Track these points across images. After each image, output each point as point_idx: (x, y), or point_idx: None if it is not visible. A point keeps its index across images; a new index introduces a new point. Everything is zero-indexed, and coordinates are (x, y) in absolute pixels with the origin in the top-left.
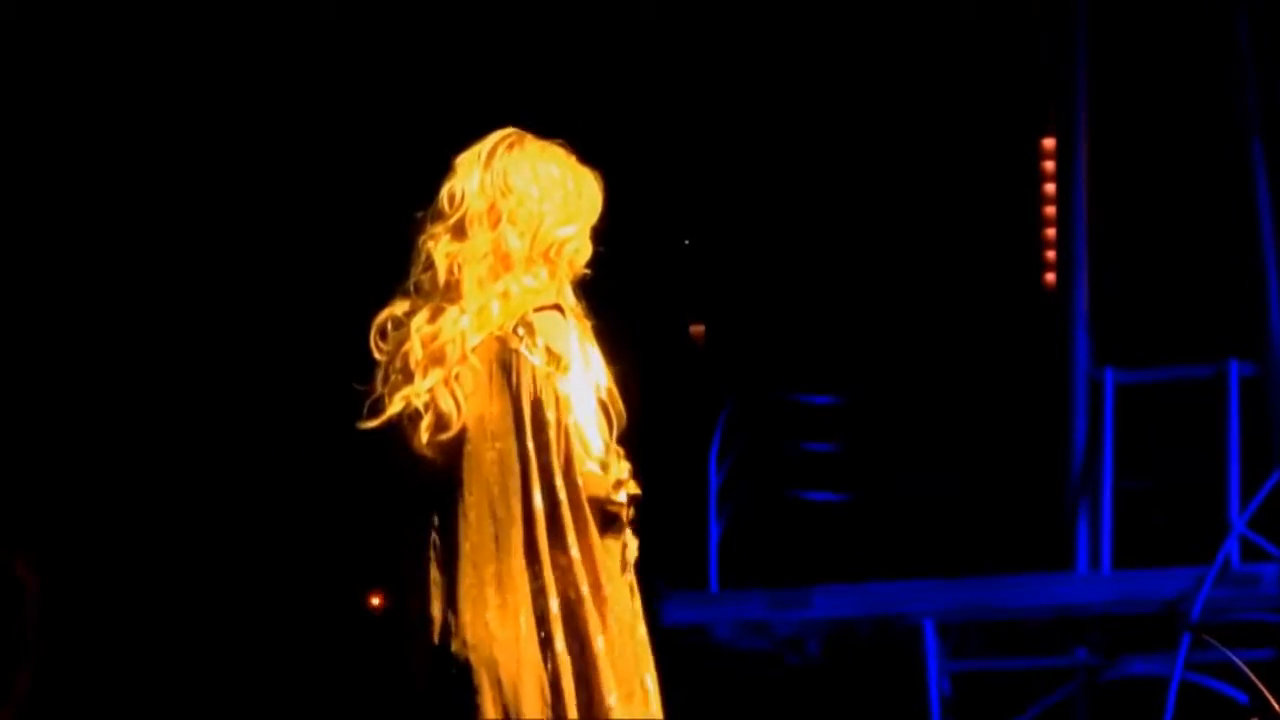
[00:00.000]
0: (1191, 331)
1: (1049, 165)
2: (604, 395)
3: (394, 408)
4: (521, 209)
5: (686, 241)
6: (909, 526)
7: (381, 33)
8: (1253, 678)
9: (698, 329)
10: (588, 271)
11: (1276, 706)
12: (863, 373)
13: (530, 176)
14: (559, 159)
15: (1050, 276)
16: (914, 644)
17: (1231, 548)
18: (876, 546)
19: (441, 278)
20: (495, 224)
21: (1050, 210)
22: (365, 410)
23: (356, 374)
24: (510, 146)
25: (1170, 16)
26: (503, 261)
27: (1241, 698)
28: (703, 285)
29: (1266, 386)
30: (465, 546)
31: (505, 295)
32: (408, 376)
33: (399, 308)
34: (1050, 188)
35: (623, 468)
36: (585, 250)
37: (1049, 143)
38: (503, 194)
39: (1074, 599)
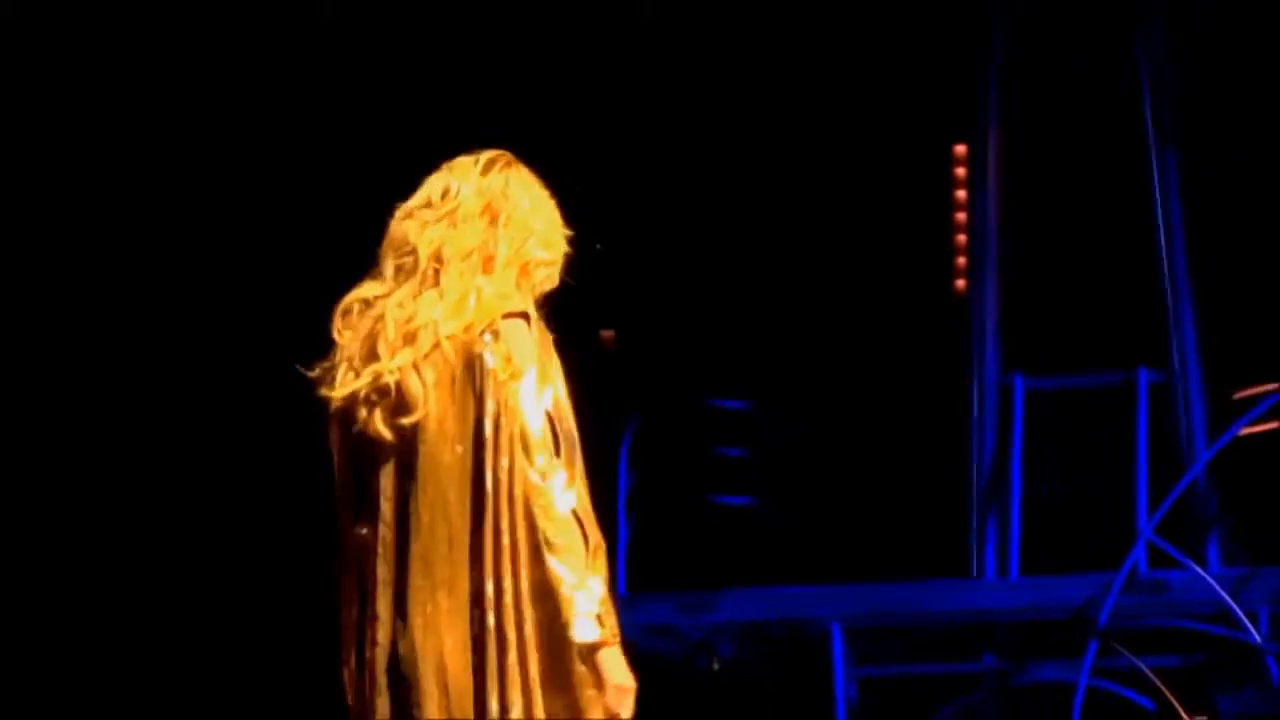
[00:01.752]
0: (1100, 339)
1: (960, 171)
2: (552, 409)
3: (360, 382)
4: (516, 216)
5: (598, 246)
6: (818, 531)
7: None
8: (1159, 684)
9: (608, 334)
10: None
11: (1182, 712)
12: (773, 378)
13: (525, 192)
14: (545, 193)
15: (960, 283)
16: (823, 648)
17: (1139, 554)
18: (786, 551)
19: (423, 263)
20: (491, 223)
21: (961, 216)
22: (325, 382)
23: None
24: (508, 164)
25: (1084, 25)
26: (486, 261)
27: (1148, 704)
28: (614, 290)
29: (1173, 394)
30: (416, 547)
31: (479, 293)
32: (373, 355)
33: (370, 290)
34: (961, 194)
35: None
36: (553, 279)
37: (960, 149)
38: (501, 198)
39: (982, 604)
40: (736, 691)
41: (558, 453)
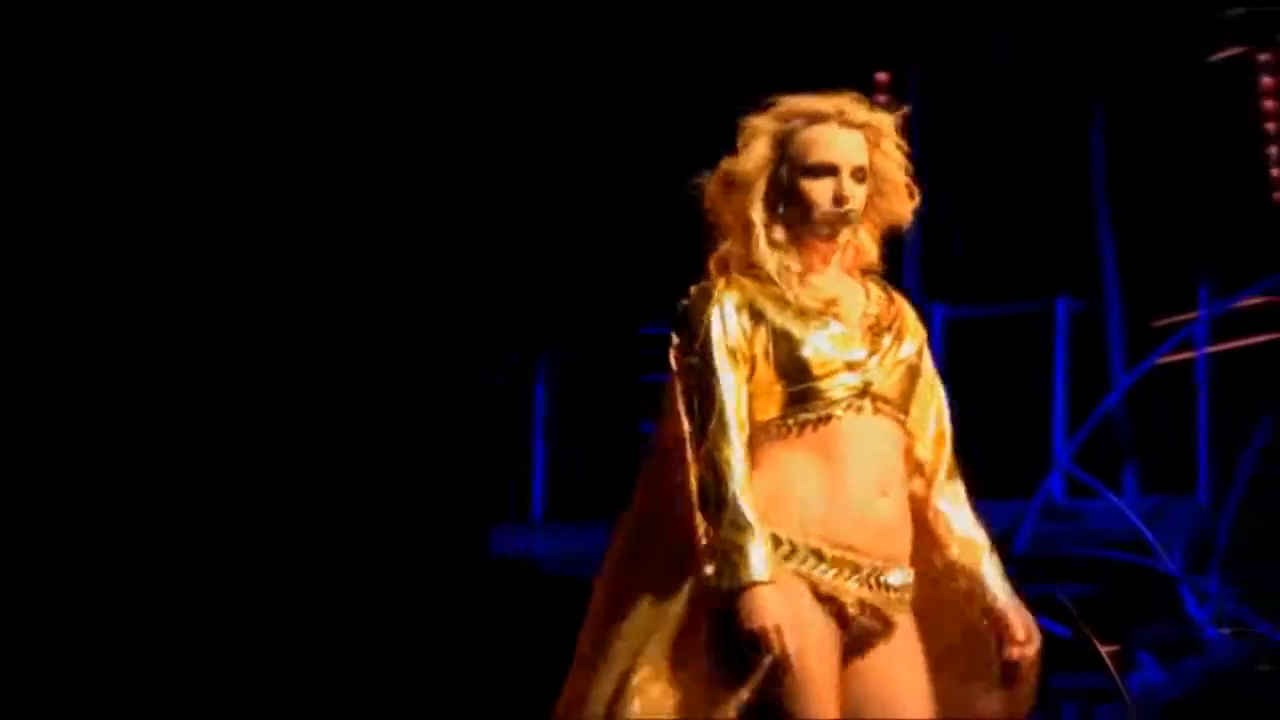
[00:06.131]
0: (1023, 268)
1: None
2: None
3: None
4: None
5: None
6: None
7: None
8: (1073, 612)
9: None
10: None
11: (1095, 641)
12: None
13: None
14: None
15: None
16: None
17: (1055, 482)
18: None
19: None
20: None
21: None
22: None
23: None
24: None
25: None
26: None
27: (1062, 632)
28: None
29: (1094, 323)
30: None
31: None
32: None
33: None
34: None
35: None
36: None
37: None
38: None
39: None
40: None
41: None
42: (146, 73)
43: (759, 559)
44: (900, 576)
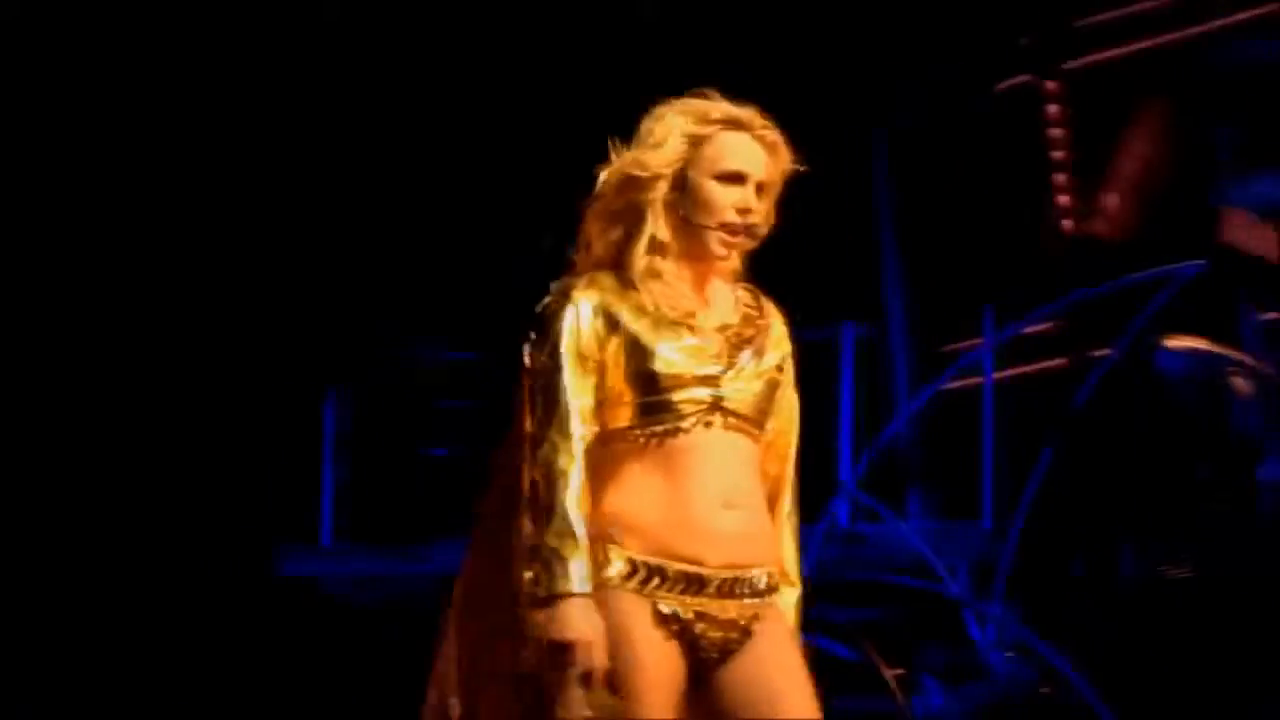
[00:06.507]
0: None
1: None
2: None
3: None
4: None
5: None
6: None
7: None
8: (859, 637)
9: None
10: None
11: (881, 665)
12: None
13: None
14: None
15: None
16: None
17: (840, 507)
18: None
19: None
20: None
21: None
22: None
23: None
24: None
25: None
26: None
27: (849, 656)
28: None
29: (880, 349)
30: None
31: None
32: None
33: None
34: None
35: None
36: None
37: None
38: None
39: None
40: None
41: None
42: None
43: (578, 571)
44: (763, 582)
